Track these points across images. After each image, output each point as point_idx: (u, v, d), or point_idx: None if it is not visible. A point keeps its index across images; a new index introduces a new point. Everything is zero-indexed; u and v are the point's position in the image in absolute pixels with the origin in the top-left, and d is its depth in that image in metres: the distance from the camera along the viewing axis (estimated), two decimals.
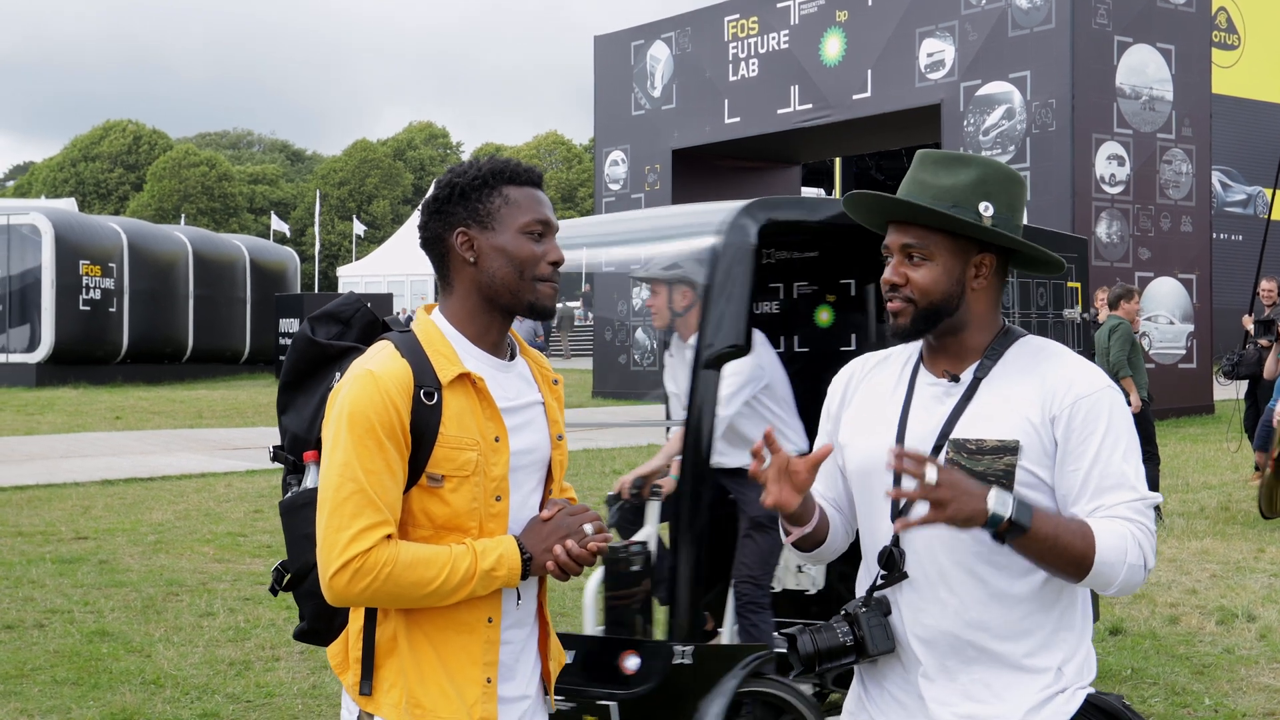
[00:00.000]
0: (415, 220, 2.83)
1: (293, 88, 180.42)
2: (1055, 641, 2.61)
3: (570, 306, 45.34)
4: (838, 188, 35.83)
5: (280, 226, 57.46)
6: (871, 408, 2.76)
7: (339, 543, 2.50)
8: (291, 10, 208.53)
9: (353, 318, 3.46)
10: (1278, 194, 17.78)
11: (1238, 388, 15.07)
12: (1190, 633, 7.87)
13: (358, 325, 3.46)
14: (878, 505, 2.70)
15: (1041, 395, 2.58)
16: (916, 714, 2.64)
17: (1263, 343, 13.62)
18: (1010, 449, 2.55)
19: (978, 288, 2.66)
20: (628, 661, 4.52)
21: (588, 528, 2.64)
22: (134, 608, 8.62)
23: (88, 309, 28.70)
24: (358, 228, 62.13)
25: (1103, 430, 2.55)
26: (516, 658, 2.69)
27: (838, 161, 34.49)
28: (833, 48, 24.17)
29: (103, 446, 17.89)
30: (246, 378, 32.63)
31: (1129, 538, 2.49)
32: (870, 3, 23.45)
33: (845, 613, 2.67)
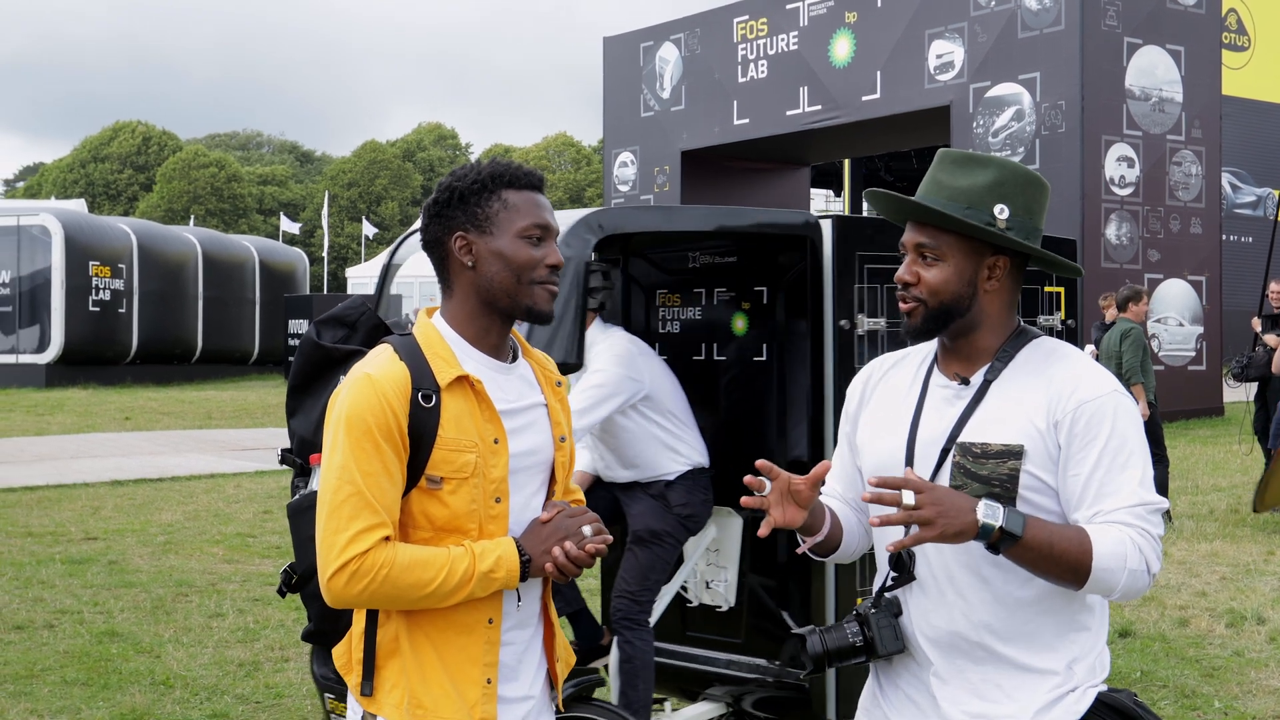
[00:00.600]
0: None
1: (302, 89, 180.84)
2: (1064, 642, 2.61)
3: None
4: (846, 189, 35.81)
5: (289, 227, 57.50)
6: (887, 409, 2.76)
7: (336, 545, 2.51)
8: (301, 11, 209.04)
9: (358, 321, 3.47)
10: None
11: (1247, 390, 15.02)
12: (1200, 635, 7.85)
13: (363, 328, 3.46)
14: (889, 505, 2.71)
15: (1048, 399, 2.58)
16: (929, 713, 2.66)
17: (1269, 339, 13.56)
18: (1015, 453, 2.55)
19: (990, 289, 2.66)
20: None
21: (586, 530, 2.64)
22: (143, 608, 8.64)
23: (97, 310, 28.78)
24: (367, 229, 62.11)
25: (1105, 435, 2.54)
26: (519, 658, 2.70)
27: (847, 163, 34.47)
28: (842, 49, 24.17)
29: (112, 447, 17.94)
30: (255, 378, 32.68)
31: (1128, 543, 2.48)
32: (879, 4, 23.45)
33: (856, 613, 2.69)
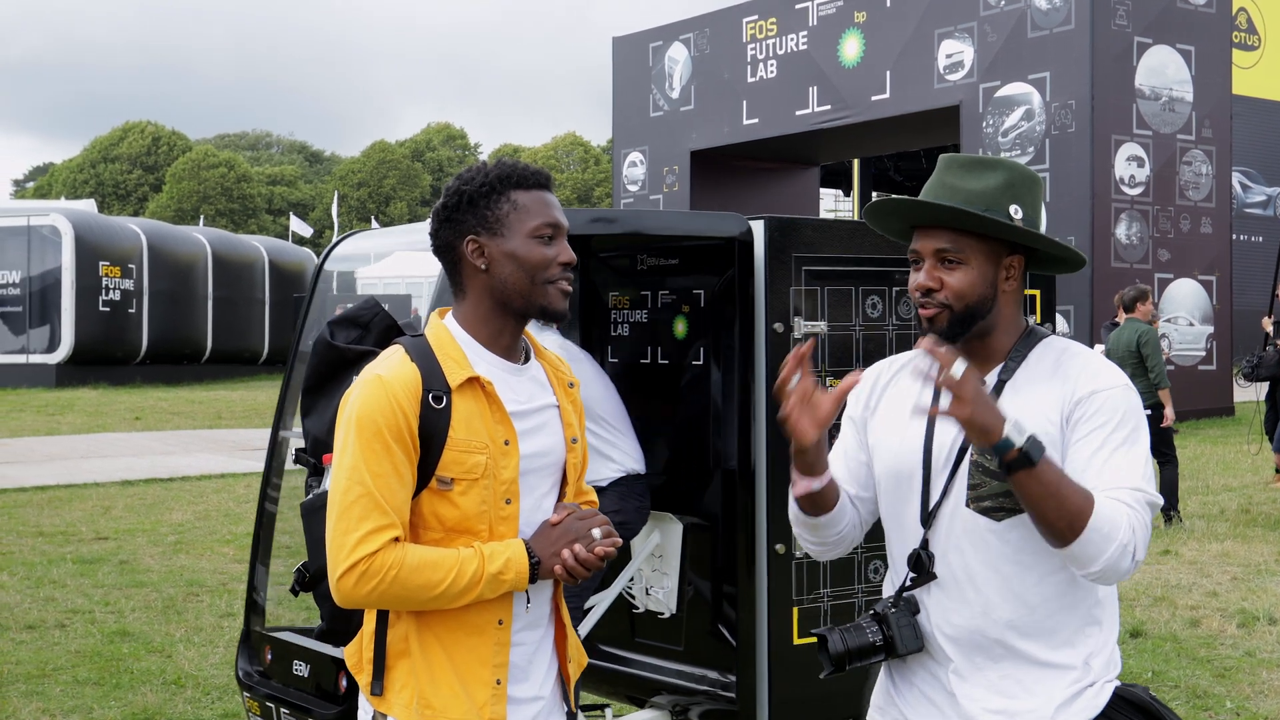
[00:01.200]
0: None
1: (311, 89, 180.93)
2: (1081, 638, 2.62)
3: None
4: (855, 189, 35.77)
5: (299, 227, 57.53)
6: (898, 410, 2.76)
7: (346, 545, 2.52)
8: (309, 11, 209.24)
9: (371, 322, 3.49)
10: None
11: (1258, 389, 15.01)
12: (1211, 636, 7.84)
13: (376, 329, 3.48)
14: (905, 507, 2.71)
15: (1061, 397, 2.59)
16: (947, 710, 2.66)
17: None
18: None
19: (1008, 290, 2.67)
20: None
21: (596, 532, 2.64)
22: (154, 608, 8.65)
23: (107, 310, 28.81)
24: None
25: (1115, 422, 2.55)
26: (530, 659, 2.70)
27: (856, 163, 34.44)
28: (851, 49, 24.14)
29: (122, 447, 17.97)
30: (265, 378, 32.69)
31: (1124, 518, 2.47)
32: (889, 4, 23.42)
33: (874, 612, 2.70)
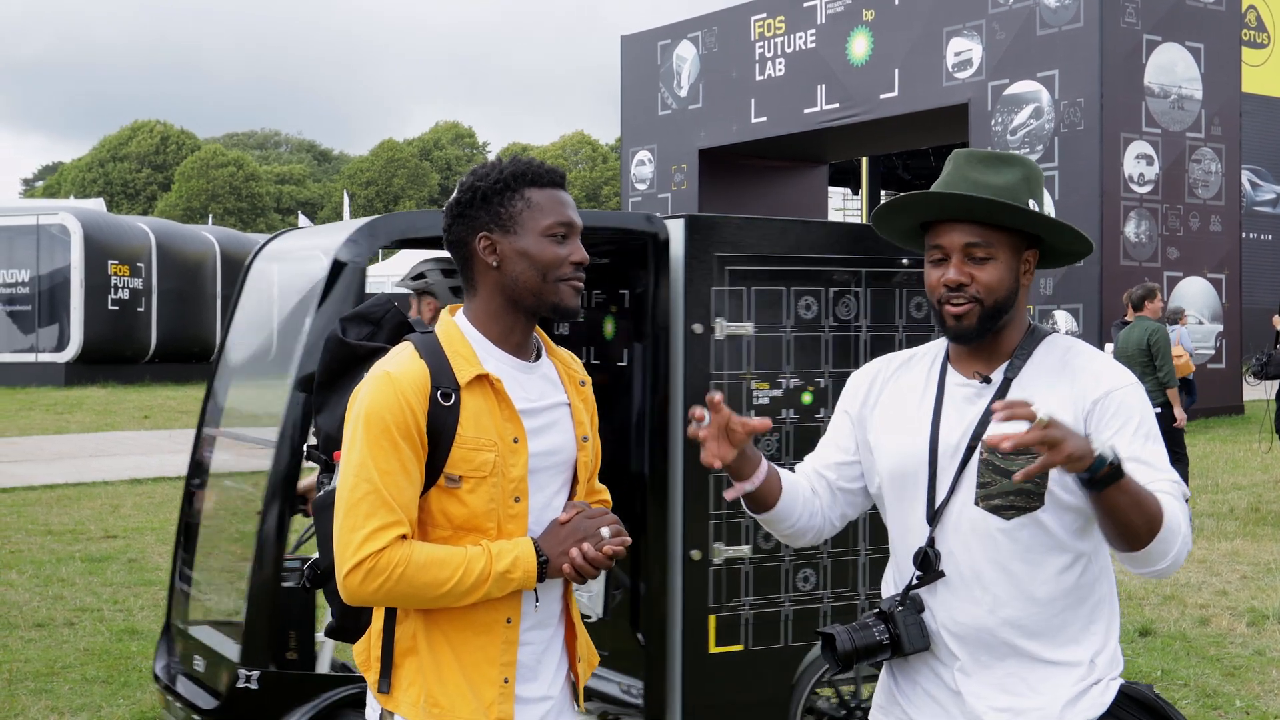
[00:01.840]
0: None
1: (320, 88, 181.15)
2: (1085, 636, 2.62)
3: None
4: (864, 187, 35.76)
5: (308, 227, 57.68)
6: (901, 408, 2.75)
7: (353, 542, 2.51)
8: (318, 11, 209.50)
9: (383, 319, 3.49)
10: None
11: (1267, 388, 14.96)
12: (1221, 634, 7.82)
13: (388, 326, 3.48)
14: (911, 504, 2.70)
15: (1073, 394, 2.59)
16: (952, 708, 2.65)
17: None
18: None
19: (1025, 284, 2.66)
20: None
21: (605, 531, 2.63)
22: (163, 606, 8.64)
23: (116, 309, 28.83)
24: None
25: (1136, 420, 2.56)
26: (539, 659, 2.69)
27: (864, 161, 34.43)
28: (859, 47, 24.12)
29: (131, 445, 17.98)
30: (273, 377, 32.70)
31: (1178, 510, 2.46)
32: (897, 2, 23.39)
33: (880, 611, 2.68)
